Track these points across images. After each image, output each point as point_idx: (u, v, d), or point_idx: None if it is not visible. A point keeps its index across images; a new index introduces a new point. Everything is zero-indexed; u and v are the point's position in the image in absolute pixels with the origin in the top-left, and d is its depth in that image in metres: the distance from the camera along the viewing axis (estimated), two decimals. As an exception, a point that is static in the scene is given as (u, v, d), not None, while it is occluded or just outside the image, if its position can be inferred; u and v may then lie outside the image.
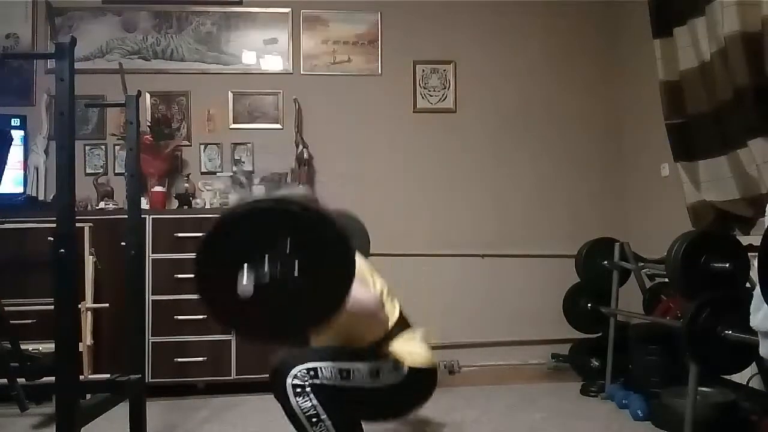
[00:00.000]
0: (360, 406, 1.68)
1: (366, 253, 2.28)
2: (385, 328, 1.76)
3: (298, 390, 1.52)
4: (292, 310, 1.38)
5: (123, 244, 2.28)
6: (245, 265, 1.30)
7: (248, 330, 1.50)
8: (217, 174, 3.58)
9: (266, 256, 1.31)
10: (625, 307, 3.14)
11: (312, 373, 1.55)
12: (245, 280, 1.28)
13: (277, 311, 1.38)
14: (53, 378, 1.61)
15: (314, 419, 1.51)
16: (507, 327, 3.80)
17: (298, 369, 1.54)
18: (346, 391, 1.59)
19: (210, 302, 1.39)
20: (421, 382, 1.76)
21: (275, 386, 1.56)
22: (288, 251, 1.31)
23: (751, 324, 1.85)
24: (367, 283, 1.76)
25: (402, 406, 1.81)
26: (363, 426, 1.69)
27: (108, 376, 2.39)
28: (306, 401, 1.51)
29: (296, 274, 1.32)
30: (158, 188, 3.42)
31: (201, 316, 3.09)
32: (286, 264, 1.31)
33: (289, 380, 1.53)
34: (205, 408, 2.91)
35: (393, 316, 1.81)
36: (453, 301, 3.79)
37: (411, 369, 1.71)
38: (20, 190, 3.33)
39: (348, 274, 1.38)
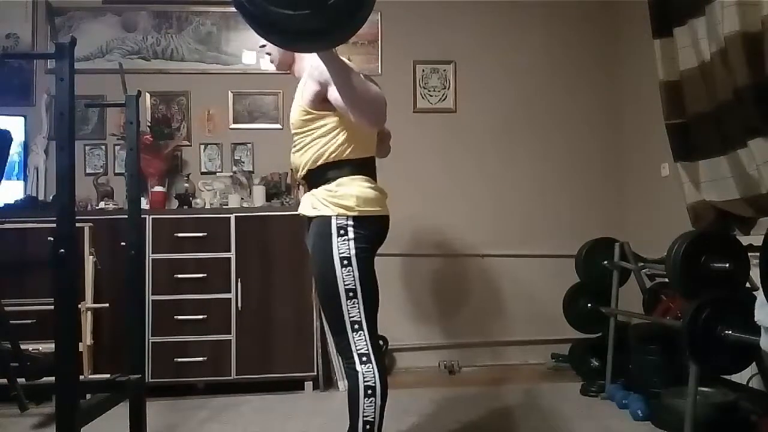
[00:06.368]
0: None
1: None
2: (374, 143, 1.88)
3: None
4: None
5: (123, 244, 2.28)
6: None
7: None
8: (217, 174, 3.58)
9: None
10: (625, 307, 3.14)
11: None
12: None
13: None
14: (53, 378, 1.60)
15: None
16: (507, 327, 3.81)
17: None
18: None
19: None
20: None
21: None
22: None
23: (756, 318, 1.85)
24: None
25: None
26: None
27: (108, 376, 2.40)
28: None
29: None
30: (158, 188, 3.42)
31: (201, 316, 3.10)
32: None
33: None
34: (205, 408, 2.91)
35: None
36: (453, 301, 3.80)
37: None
38: (20, 190, 3.33)
39: None
